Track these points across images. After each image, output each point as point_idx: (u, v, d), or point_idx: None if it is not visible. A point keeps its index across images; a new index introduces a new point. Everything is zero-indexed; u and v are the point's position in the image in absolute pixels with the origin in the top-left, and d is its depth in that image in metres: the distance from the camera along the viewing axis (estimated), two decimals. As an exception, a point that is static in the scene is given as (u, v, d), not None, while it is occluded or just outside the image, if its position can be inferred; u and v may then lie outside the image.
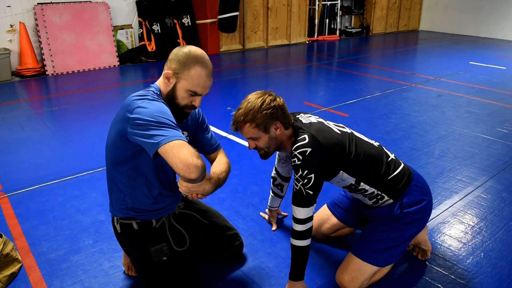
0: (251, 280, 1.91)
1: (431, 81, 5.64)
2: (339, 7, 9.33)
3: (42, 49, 5.74)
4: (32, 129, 3.78)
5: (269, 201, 2.27)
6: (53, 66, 5.83)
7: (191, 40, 7.01)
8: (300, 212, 1.63)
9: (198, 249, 1.88)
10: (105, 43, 6.28)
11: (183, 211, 1.89)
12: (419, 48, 8.61)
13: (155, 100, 1.52)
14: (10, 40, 5.70)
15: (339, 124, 1.84)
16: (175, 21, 6.86)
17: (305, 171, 1.60)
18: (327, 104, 4.56)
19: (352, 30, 9.94)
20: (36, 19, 5.70)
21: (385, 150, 1.85)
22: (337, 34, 9.42)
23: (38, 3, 5.70)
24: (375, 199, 1.79)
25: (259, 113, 1.65)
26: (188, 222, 1.86)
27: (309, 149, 1.61)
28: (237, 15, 7.20)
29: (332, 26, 9.56)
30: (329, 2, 9.20)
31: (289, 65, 6.75)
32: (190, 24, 7.03)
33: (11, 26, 5.67)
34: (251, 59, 7.21)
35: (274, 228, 2.29)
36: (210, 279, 1.91)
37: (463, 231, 2.29)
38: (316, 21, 8.96)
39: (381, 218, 1.80)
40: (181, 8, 6.90)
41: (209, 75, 1.59)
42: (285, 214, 2.41)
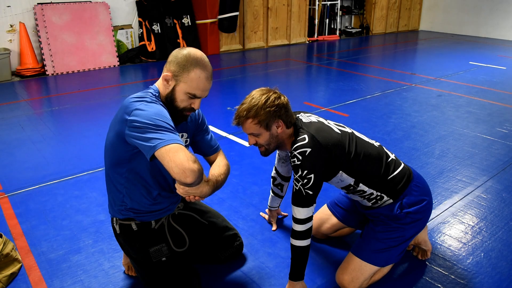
0: (251, 280, 1.91)
1: (431, 81, 5.64)
2: (339, 7, 9.33)
3: (42, 49, 5.74)
4: (32, 129, 3.78)
5: (269, 201, 2.27)
6: (53, 66, 5.83)
7: (191, 40, 7.01)
8: (300, 212, 1.64)
9: (198, 249, 1.88)
10: (105, 43, 6.28)
11: (182, 212, 1.88)
12: (419, 48, 8.60)
13: (153, 102, 1.52)
14: (10, 40, 5.70)
15: (339, 124, 1.84)
16: (175, 21, 6.86)
17: (305, 171, 1.60)
18: (327, 104, 4.56)
19: (352, 30, 9.94)
20: (36, 19, 5.70)
21: (386, 150, 1.84)
22: (337, 34, 9.42)
23: (38, 3, 5.70)
24: (374, 200, 1.79)
25: (262, 110, 1.65)
26: (187, 223, 1.85)
27: (308, 149, 1.61)
28: (237, 15, 7.20)
29: (332, 26, 9.56)
30: (329, 2, 9.20)
31: (289, 65, 6.75)
32: (190, 24, 7.03)
33: (11, 26, 5.67)
34: (251, 59, 7.21)
35: (274, 228, 2.29)
36: (210, 279, 1.91)
37: (463, 231, 2.29)
38: (316, 21, 8.97)
39: (381, 218, 1.80)
40: (181, 8, 6.90)
41: (209, 77, 1.58)
42: (285, 214, 2.41)
